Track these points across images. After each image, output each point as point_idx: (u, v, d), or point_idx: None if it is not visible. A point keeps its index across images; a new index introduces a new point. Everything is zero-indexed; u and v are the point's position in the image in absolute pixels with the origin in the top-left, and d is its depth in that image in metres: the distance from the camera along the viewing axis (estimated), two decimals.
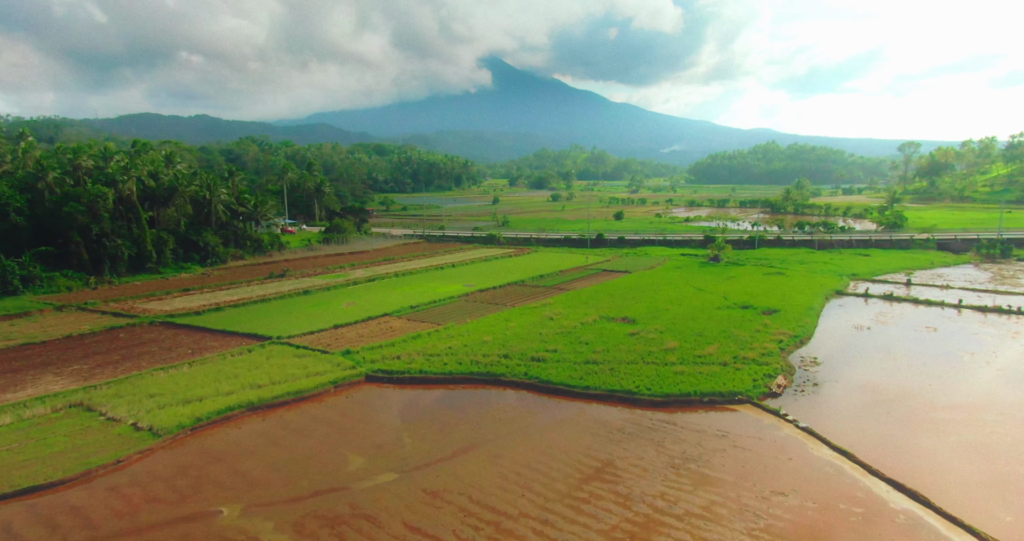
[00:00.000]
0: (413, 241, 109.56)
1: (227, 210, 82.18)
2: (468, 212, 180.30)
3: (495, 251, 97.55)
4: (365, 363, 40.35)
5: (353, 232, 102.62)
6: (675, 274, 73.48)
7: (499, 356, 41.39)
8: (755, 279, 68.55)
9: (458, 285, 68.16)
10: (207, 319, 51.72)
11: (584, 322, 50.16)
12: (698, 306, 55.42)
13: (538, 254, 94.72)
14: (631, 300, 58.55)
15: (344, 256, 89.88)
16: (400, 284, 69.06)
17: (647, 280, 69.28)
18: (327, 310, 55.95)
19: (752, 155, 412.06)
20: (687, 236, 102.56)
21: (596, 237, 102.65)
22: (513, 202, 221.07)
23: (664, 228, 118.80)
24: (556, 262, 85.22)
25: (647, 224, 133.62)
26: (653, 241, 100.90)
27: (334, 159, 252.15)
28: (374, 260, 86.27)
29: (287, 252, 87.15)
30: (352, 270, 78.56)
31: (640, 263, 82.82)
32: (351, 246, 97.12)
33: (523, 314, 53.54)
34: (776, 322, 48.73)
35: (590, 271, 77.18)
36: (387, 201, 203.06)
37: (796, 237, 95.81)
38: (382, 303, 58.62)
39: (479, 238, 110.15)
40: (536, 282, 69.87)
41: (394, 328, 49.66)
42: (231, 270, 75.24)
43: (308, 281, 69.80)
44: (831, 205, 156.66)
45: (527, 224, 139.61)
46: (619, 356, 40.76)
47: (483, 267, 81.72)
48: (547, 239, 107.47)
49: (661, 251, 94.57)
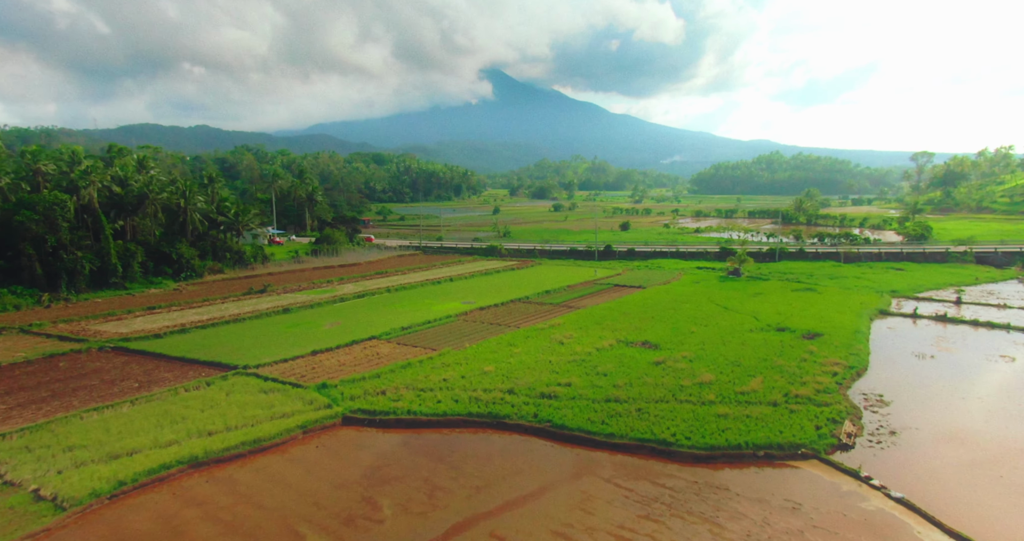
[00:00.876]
0: (409, 253, 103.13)
1: (205, 220, 75.72)
2: (468, 222, 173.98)
3: (496, 263, 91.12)
4: (343, 400, 33.90)
5: (345, 243, 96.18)
6: (694, 290, 67.02)
7: (503, 391, 34.97)
8: (784, 296, 62.06)
9: (456, 302, 61.70)
10: (167, 344, 45.17)
11: (600, 348, 43.72)
12: (727, 328, 48.96)
13: (543, 267, 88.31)
14: (650, 320, 52.12)
15: (333, 269, 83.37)
16: (392, 301, 62.59)
17: (664, 297, 62.82)
18: (307, 332, 49.43)
19: (756, 165, 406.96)
20: (701, 248, 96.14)
21: (604, 249, 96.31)
22: (514, 212, 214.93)
23: (675, 239, 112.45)
24: (563, 276, 78.79)
25: (655, 235, 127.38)
26: (665, 253, 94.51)
27: (331, 168, 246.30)
28: (365, 274, 79.81)
29: (271, 265, 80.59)
30: (340, 285, 72.08)
31: (654, 277, 76.39)
32: (342, 258, 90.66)
33: (529, 337, 47.11)
34: (822, 349, 42.19)
35: (600, 286, 70.74)
36: (384, 211, 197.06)
37: (820, 249, 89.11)
38: (370, 323, 52.14)
39: (479, 250, 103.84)
40: (542, 299, 63.41)
41: (381, 354, 43.18)
42: (207, 285, 68.69)
43: (290, 297, 63.30)
44: (846, 215, 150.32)
45: (529, 235, 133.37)
46: (645, 392, 34.28)
47: (484, 281, 75.28)
48: (552, 251, 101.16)
49: (675, 264, 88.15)
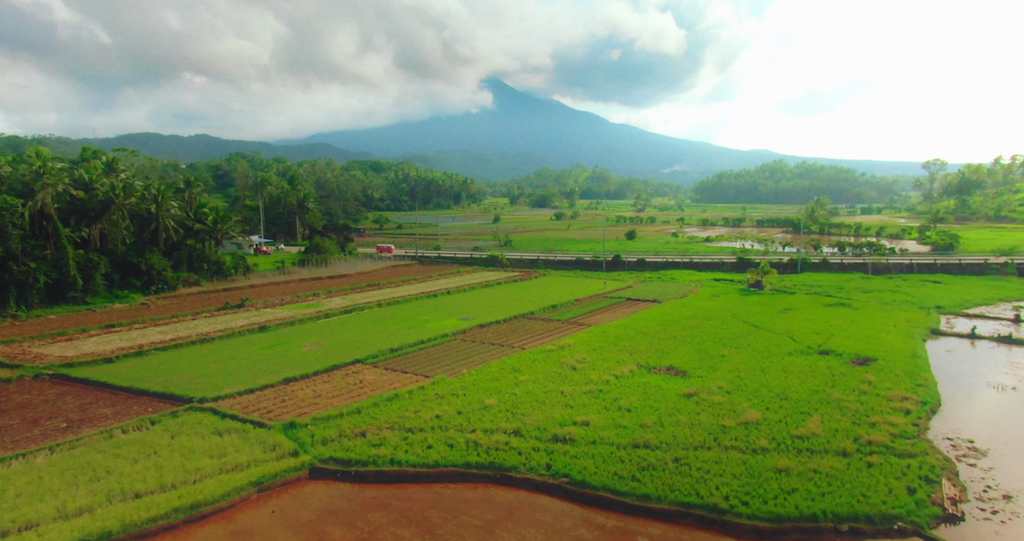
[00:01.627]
0: (404, 263, 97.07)
1: (179, 227, 69.65)
2: (467, 231, 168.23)
3: (497, 275, 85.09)
4: (314, 444, 27.85)
5: (335, 253, 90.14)
6: (715, 305, 60.96)
7: (507, 432, 28.99)
8: (818, 313, 55.98)
9: (453, 319, 55.64)
10: (118, 370, 39.02)
11: (619, 375, 37.67)
12: (762, 351, 42.90)
13: (547, 278, 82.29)
14: (672, 341, 46.09)
15: (321, 281, 77.26)
16: (382, 317, 56.49)
17: (684, 312, 56.75)
18: (282, 354, 43.33)
19: (759, 174, 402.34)
20: (717, 258, 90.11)
21: (613, 259, 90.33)
22: (515, 221, 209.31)
23: (687, 249, 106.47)
24: (569, 288, 72.76)
25: (664, 244, 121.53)
26: (678, 264, 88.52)
27: (328, 176, 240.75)
28: (356, 286, 73.71)
29: (254, 276, 74.50)
30: (328, 298, 65.98)
31: (669, 290, 70.36)
32: (332, 269, 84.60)
33: (536, 361, 41.07)
34: (881, 378, 36.07)
35: (612, 300, 64.68)
36: (381, 219, 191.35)
37: (845, 260, 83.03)
38: (356, 344, 46.04)
39: (479, 260, 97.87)
40: (549, 314, 57.34)
41: (365, 383, 37.09)
42: (180, 299, 62.58)
43: (270, 313, 57.18)
44: (861, 224, 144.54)
45: (532, 244, 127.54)
46: (681, 435, 28.21)
47: (484, 295, 69.24)
48: (556, 261, 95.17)
49: (689, 275, 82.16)
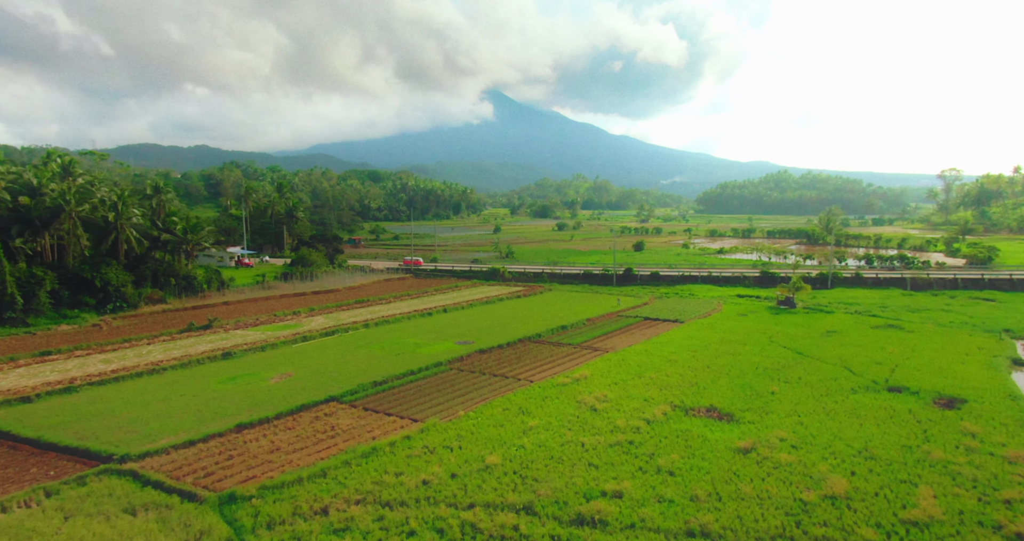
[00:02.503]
0: (398, 276, 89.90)
1: (143, 238, 62.74)
2: (467, 242, 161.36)
3: (499, 289, 77.96)
4: (256, 530, 20.72)
5: (323, 265, 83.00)
6: (746, 326, 53.79)
7: (516, 509, 21.97)
8: (868, 336, 48.79)
9: (449, 342, 48.48)
10: (33, 412, 31.83)
11: (650, 419, 30.54)
12: (818, 386, 35.72)
13: (553, 294, 75.15)
14: (706, 371, 38.95)
15: (305, 297, 70.08)
16: (368, 340, 49.31)
17: (712, 335, 49.59)
18: (243, 389, 36.12)
19: (764, 185, 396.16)
20: (737, 272, 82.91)
21: (624, 272, 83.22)
22: (516, 231, 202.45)
23: (703, 262, 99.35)
24: (579, 306, 65.64)
25: (675, 256, 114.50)
26: (695, 278, 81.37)
27: (324, 186, 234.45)
28: (342, 303, 66.51)
29: (231, 292, 67.36)
30: (309, 318, 58.78)
31: (690, 308, 63.20)
32: (319, 283, 77.44)
33: (547, 398, 33.94)
34: (985, 428, 28.81)
35: (627, 319, 57.50)
36: (378, 229, 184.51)
37: (881, 274, 75.73)
38: (333, 375, 38.86)
39: (479, 273, 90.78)
40: (558, 337, 50.17)
41: (338, 429, 29.93)
42: (140, 319, 55.37)
43: (239, 336, 49.98)
44: (881, 236, 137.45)
45: (535, 256, 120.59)
46: (748, 515, 21.04)
47: (484, 313, 62.08)
48: (562, 274, 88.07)
49: (708, 291, 75.02)
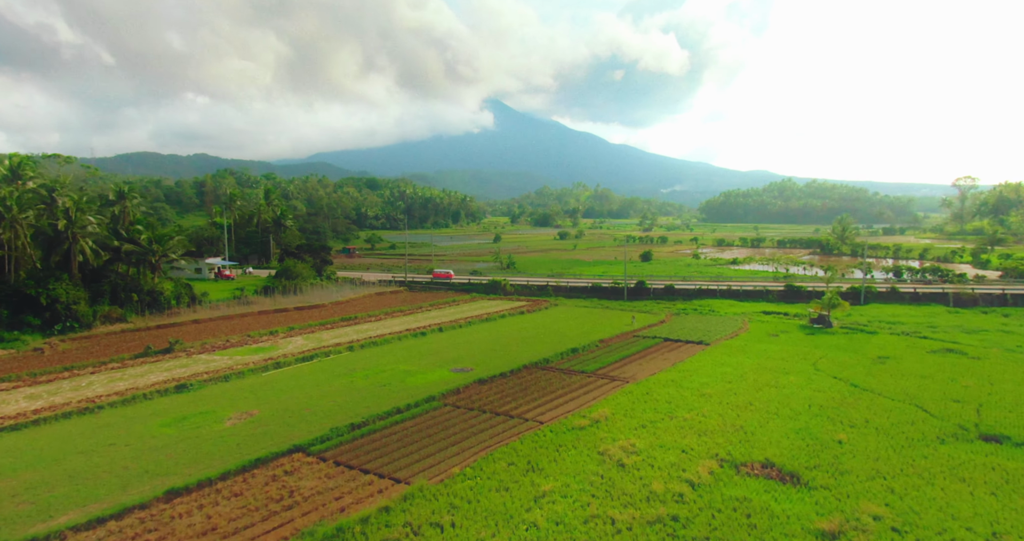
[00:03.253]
0: (391, 289, 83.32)
1: (102, 249, 56.37)
2: (466, 251, 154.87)
3: (501, 304, 71.48)
4: None
5: (310, 277, 76.45)
6: (782, 349, 47.32)
7: None
8: (928, 364, 42.31)
9: (444, 369, 42.03)
10: None
11: (693, 480, 24.15)
12: (893, 432, 29.29)
13: (560, 310, 68.67)
14: (749, 410, 32.53)
15: (286, 314, 63.50)
16: (351, 366, 42.80)
17: (746, 361, 43.13)
18: (190, 435, 29.62)
19: (768, 193, 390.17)
20: (759, 285, 76.31)
21: (636, 285, 76.72)
22: (517, 240, 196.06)
23: (719, 274, 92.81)
24: (589, 324, 59.17)
25: (686, 268, 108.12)
26: (713, 292, 74.86)
27: (320, 193, 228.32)
28: (327, 321, 59.95)
29: (203, 308, 60.84)
30: (287, 338, 52.25)
31: (713, 327, 56.69)
32: (303, 297, 70.91)
33: (562, 448, 27.55)
34: None
35: (645, 341, 50.98)
36: (374, 238, 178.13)
37: (920, 289, 69.15)
38: (303, 414, 32.37)
39: (479, 285, 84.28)
40: (569, 362, 43.66)
41: (298, 496, 23.43)
42: (92, 341, 48.84)
43: (202, 362, 43.45)
44: (901, 246, 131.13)
45: (537, 266, 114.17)
46: None
47: (484, 332, 55.57)
48: (568, 287, 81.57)
49: (729, 307, 68.55)
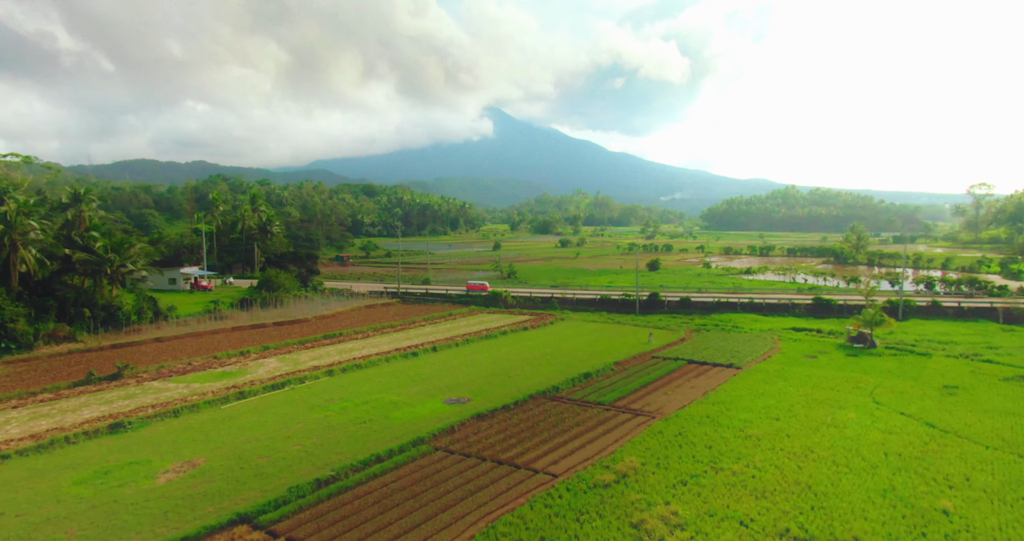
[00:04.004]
0: (383, 302, 76.96)
1: (47, 259, 50.10)
2: (464, 260, 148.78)
3: (501, 319, 65.22)
4: None
5: (294, 289, 70.18)
6: (824, 375, 41.06)
7: None
8: (1005, 395, 36.08)
9: (436, 400, 35.77)
10: None
11: None
12: (1006, 495, 23.03)
13: (567, 325, 62.41)
14: (810, 459, 26.27)
15: (263, 330, 57.10)
16: (328, 395, 36.48)
17: (790, 391, 36.86)
18: (104, 499, 23.27)
19: (771, 201, 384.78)
20: (783, 298, 70.00)
21: (649, 298, 70.48)
22: (517, 248, 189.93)
23: (736, 284, 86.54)
24: (601, 341, 52.89)
25: (696, 278, 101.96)
26: (733, 305, 68.59)
27: (315, 200, 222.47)
28: (307, 338, 53.58)
29: (169, 325, 54.52)
30: (260, 359, 45.91)
31: (740, 347, 50.40)
32: (285, 311, 64.62)
33: (584, 516, 21.30)
34: None
35: (666, 363, 44.68)
36: (369, 246, 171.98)
37: (964, 303, 62.62)
38: (258, 464, 26.05)
39: (478, 297, 78.04)
40: (583, 391, 37.36)
41: None
42: (32, 365, 42.43)
43: (153, 390, 37.08)
44: (921, 255, 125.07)
45: (540, 275, 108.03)
46: None
47: (484, 352, 49.30)
48: (574, 299, 75.29)
49: (753, 322, 62.29)
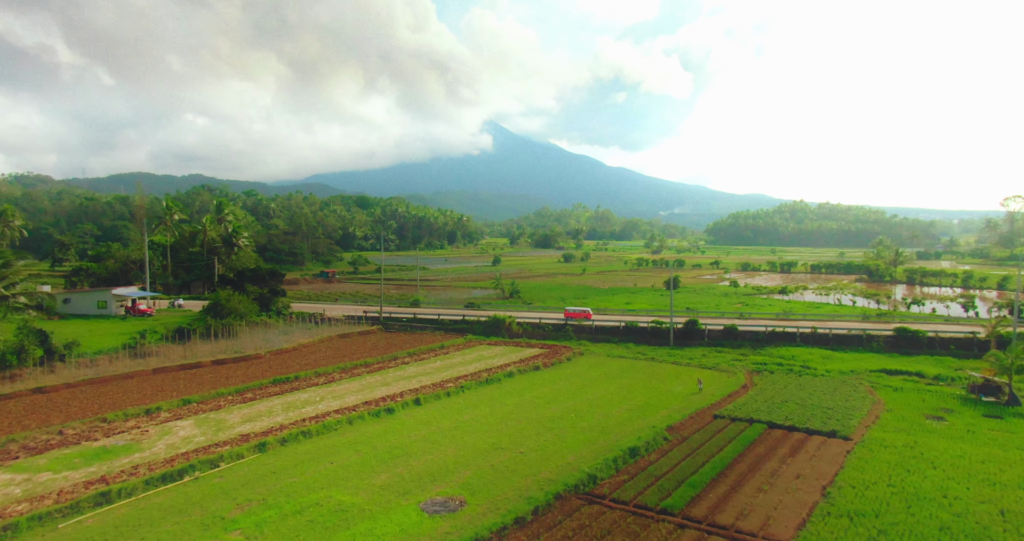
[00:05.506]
0: (361, 329, 63.71)
1: None
2: (461, 275, 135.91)
3: (506, 353, 52.19)
4: None
5: (250, 313, 57.20)
6: (987, 456, 28.20)
7: None
8: None
9: (411, 506, 22.77)
10: None
11: None
12: None
13: (588, 362, 49.39)
14: None
15: (196, 372, 43.91)
16: (246, 494, 23.41)
17: (951, 489, 24.00)
18: None
19: (779, 215, 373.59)
20: (852, 327, 56.98)
21: (685, 325, 57.47)
22: (518, 264, 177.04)
23: (787, 309, 73.07)
24: (637, 389, 39.90)
25: (724, 299, 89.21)
26: (790, 336, 55.56)
27: (305, 211, 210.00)
28: (249, 386, 40.36)
29: (66, 368, 41.24)
30: (169, 423, 32.76)
31: (826, 399, 37.42)
32: (235, 343, 51.49)
33: None
34: None
35: (736, 426, 31.70)
36: (359, 260, 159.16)
37: None
38: None
39: (476, 324, 64.85)
40: (634, 485, 24.38)
41: None
42: None
43: None
44: (972, 273, 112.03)
45: (545, 294, 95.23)
46: None
47: (484, 405, 36.28)
48: (593, 327, 62.22)
49: (824, 360, 49.26)
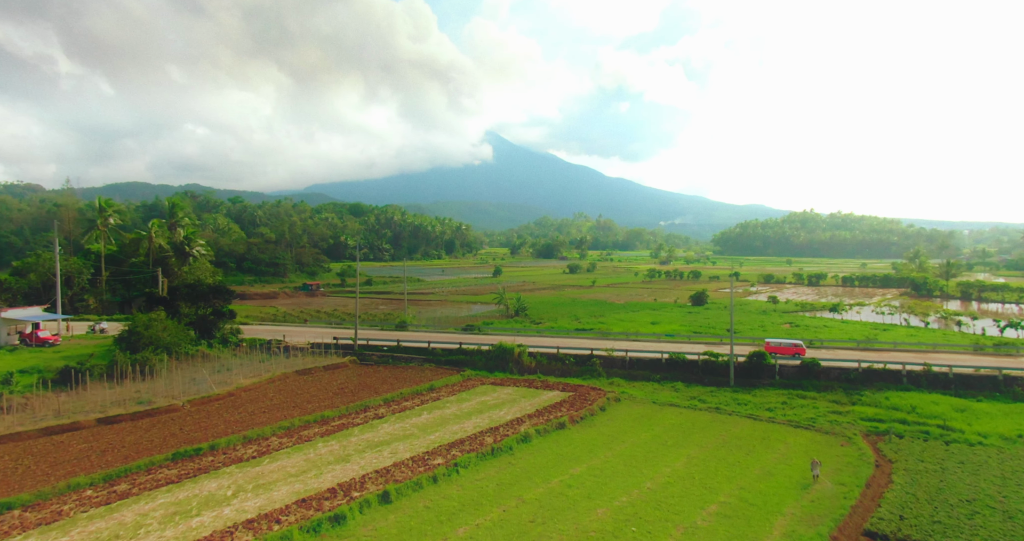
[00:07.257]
0: (327, 363, 49.91)
1: None
2: (460, 288, 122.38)
3: (515, 398, 38.58)
4: None
5: (182, 343, 43.65)
6: None
7: None
8: None
9: None
10: None
11: None
12: None
13: (628, 412, 35.80)
14: None
15: (67, 439, 30.09)
16: None
17: None
18: None
19: (789, 224, 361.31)
20: (982, 364, 43.59)
21: (750, 359, 43.90)
22: (522, 275, 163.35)
23: (871, 336, 58.73)
24: (715, 471, 26.31)
25: (766, 318, 75.68)
26: (896, 376, 41.99)
27: (294, 219, 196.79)
28: (131, 467, 26.71)
29: None
30: None
31: (1010, 500, 23.87)
32: (150, 386, 38.02)
33: None
34: None
35: None
36: (348, 271, 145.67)
37: None
38: None
39: (476, 355, 50.97)
40: None
41: None
42: None
43: None
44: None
45: (555, 311, 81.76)
46: None
47: (487, 508, 22.62)
48: (628, 360, 48.46)
49: (958, 414, 35.71)
